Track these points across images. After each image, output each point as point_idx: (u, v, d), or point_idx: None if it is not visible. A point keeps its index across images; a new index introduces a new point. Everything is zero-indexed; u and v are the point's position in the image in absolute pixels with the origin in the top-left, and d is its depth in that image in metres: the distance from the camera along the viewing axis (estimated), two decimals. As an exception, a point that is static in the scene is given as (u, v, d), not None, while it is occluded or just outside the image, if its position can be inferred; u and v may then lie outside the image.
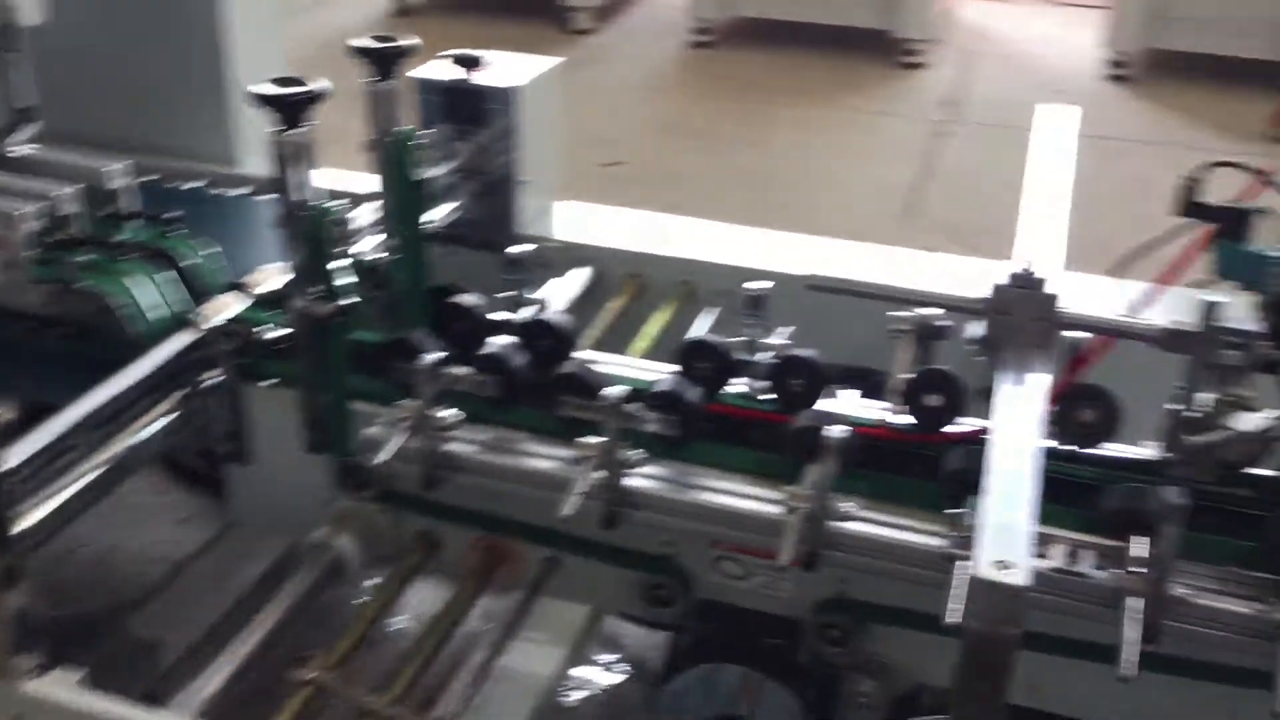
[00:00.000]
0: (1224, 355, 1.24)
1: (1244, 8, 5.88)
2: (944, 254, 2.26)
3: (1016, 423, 1.13)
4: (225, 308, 1.68)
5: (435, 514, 1.63)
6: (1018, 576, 0.94)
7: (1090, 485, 1.37)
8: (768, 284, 1.68)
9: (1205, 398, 1.34)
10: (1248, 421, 1.33)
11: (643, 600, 1.56)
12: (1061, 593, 1.25)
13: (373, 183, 1.74)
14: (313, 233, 1.44)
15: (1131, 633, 1.24)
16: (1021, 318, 1.26)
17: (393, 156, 1.56)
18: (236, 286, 1.74)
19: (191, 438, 1.66)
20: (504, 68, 2.28)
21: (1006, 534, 0.99)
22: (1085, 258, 1.70)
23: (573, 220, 2.41)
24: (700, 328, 2.15)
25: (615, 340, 2.08)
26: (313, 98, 1.41)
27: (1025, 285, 1.25)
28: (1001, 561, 0.95)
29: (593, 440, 1.42)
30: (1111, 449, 1.43)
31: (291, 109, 1.40)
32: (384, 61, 1.58)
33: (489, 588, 1.64)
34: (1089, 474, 1.39)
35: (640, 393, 1.48)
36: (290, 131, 1.41)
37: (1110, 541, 1.31)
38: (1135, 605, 1.25)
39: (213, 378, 1.65)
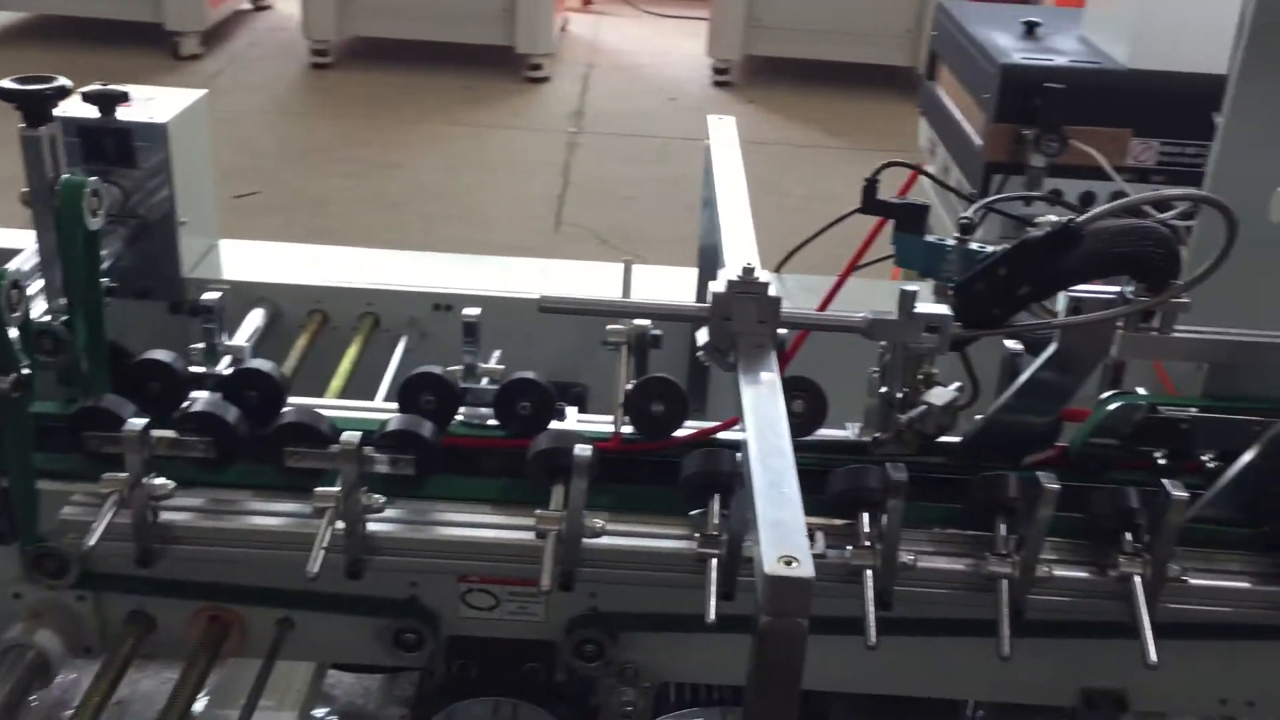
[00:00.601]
0: (922, 339, 1.36)
1: (824, 17, 6.47)
2: (641, 265, 2.32)
3: (766, 422, 1.19)
4: None
5: (148, 591, 1.49)
6: (803, 569, 0.99)
7: (812, 471, 1.45)
8: (476, 310, 1.66)
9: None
10: (940, 396, 1.47)
11: (390, 647, 1.51)
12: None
13: (28, 237, 1.58)
14: (-17, 300, 1.28)
15: (871, 604, 1.34)
16: (745, 321, 1.32)
17: (66, 207, 1.42)
18: None
19: None
20: (146, 103, 2.13)
21: (783, 530, 1.03)
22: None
23: (241, 259, 2.29)
24: (396, 358, 2.11)
25: (307, 380, 2.00)
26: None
27: (748, 290, 1.31)
28: (786, 556, 0.99)
29: (331, 490, 1.36)
30: (823, 434, 1.54)
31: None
32: (37, 105, 1.43)
33: (217, 661, 1.52)
34: (809, 460, 1.48)
35: (370, 434, 1.42)
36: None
37: (840, 521, 1.42)
38: (870, 578, 1.36)
39: None
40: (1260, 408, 1.47)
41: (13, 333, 1.36)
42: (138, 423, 1.34)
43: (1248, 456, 1.44)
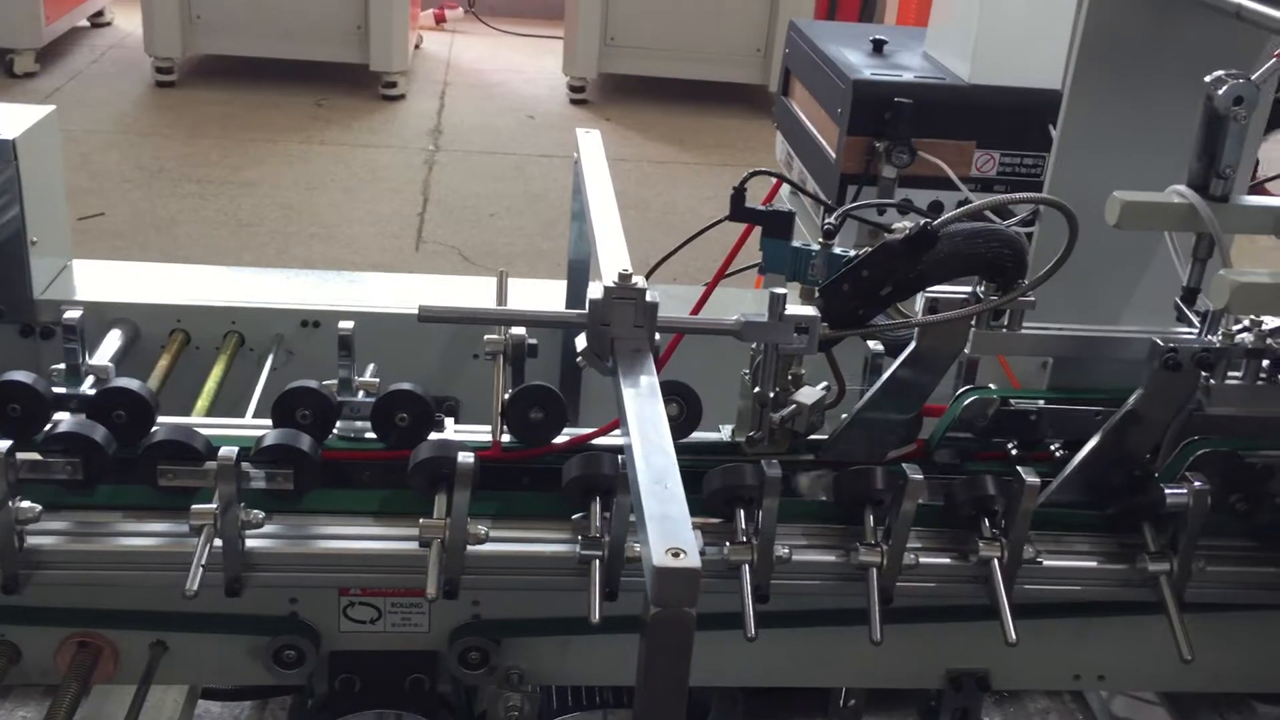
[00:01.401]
0: (793, 339, 1.41)
1: (678, 36, 6.57)
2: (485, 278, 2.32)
3: (647, 422, 1.22)
4: None
5: (13, 619, 1.45)
6: (690, 560, 1.02)
7: (689, 472, 1.49)
8: (350, 323, 1.66)
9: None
10: (809, 395, 1.53)
11: (270, 664, 1.49)
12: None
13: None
14: None
15: (749, 597, 1.39)
16: (623, 326, 1.36)
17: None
18: None
19: None
20: (-13, 118, 2.07)
21: (669, 523, 1.07)
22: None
23: (96, 279, 2.23)
24: (263, 377, 2.08)
25: (170, 402, 1.95)
26: None
27: (625, 295, 1.34)
28: (673, 549, 1.03)
29: (208, 507, 1.34)
30: (698, 437, 1.58)
31: None
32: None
33: (88, 689, 1.48)
34: (686, 462, 1.52)
35: (246, 450, 1.41)
36: None
37: (715, 519, 1.46)
38: (747, 572, 1.40)
39: None
40: (1101, 398, 1.57)
41: None
42: (1, 444, 1.30)
43: (1091, 443, 1.54)
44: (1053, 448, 1.62)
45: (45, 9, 6.00)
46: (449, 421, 1.59)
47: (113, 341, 2.07)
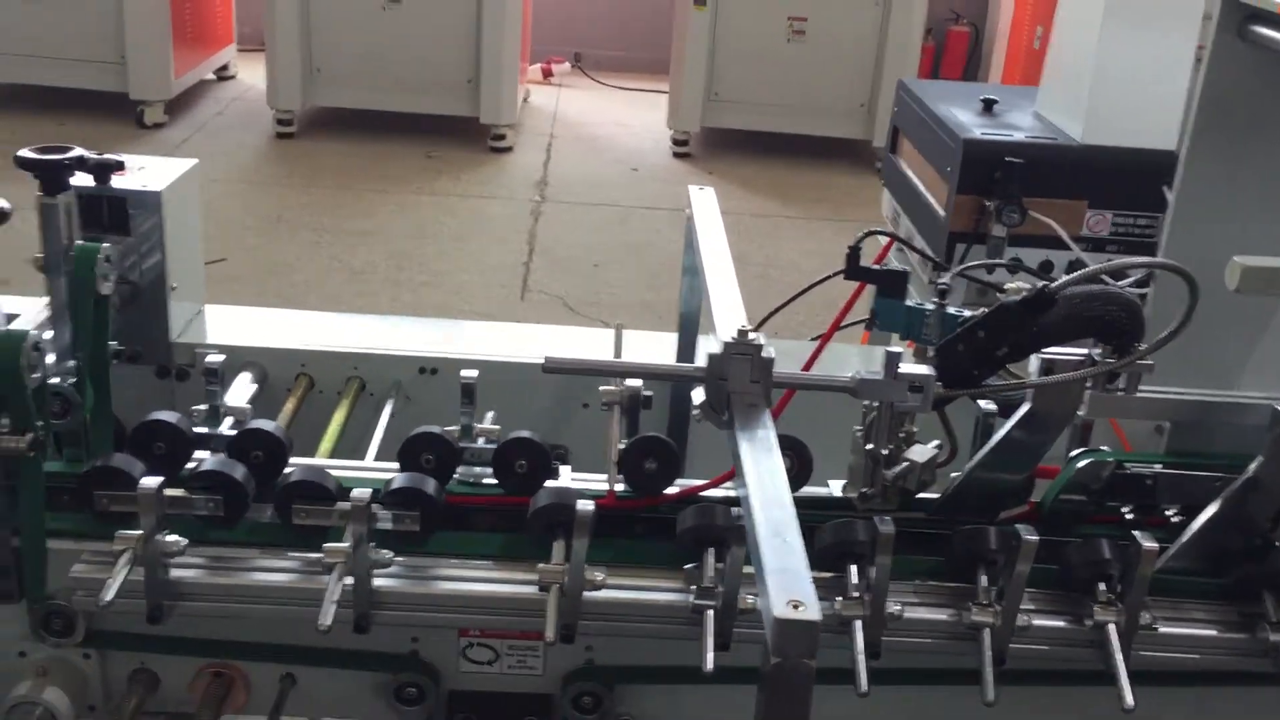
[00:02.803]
0: (907, 397, 1.43)
1: (782, 91, 6.64)
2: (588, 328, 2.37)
3: (765, 475, 1.25)
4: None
5: (153, 648, 1.52)
6: (810, 612, 1.04)
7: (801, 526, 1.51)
8: (474, 372, 1.72)
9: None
10: (921, 453, 1.55)
11: (392, 701, 1.54)
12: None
13: (23, 303, 1.62)
14: (7, 362, 1.32)
15: (861, 653, 1.40)
16: (740, 380, 1.39)
17: (79, 272, 1.47)
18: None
19: None
20: (139, 171, 2.19)
21: (789, 576, 1.09)
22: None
23: (226, 324, 2.33)
24: (383, 422, 2.15)
25: (297, 441, 2.03)
26: (-4, 217, 1.30)
27: (743, 351, 1.38)
28: (794, 600, 1.05)
29: (340, 545, 1.40)
30: (809, 491, 1.61)
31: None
32: (54, 173, 1.48)
33: (221, 717, 1.54)
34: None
35: (375, 492, 1.47)
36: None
37: (827, 574, 1.48)
38: (859, 628, 1.42)
39: None
40: (1220, 464, 1.55)
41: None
42: (153, 481, 1.38)
43: (1210, 510, 1.52)
44: (1169, 513, 1.61)
45: (175, 63, 6.30)
46: (565, 469, 1.64)
47: (244, 383, 2.17)
